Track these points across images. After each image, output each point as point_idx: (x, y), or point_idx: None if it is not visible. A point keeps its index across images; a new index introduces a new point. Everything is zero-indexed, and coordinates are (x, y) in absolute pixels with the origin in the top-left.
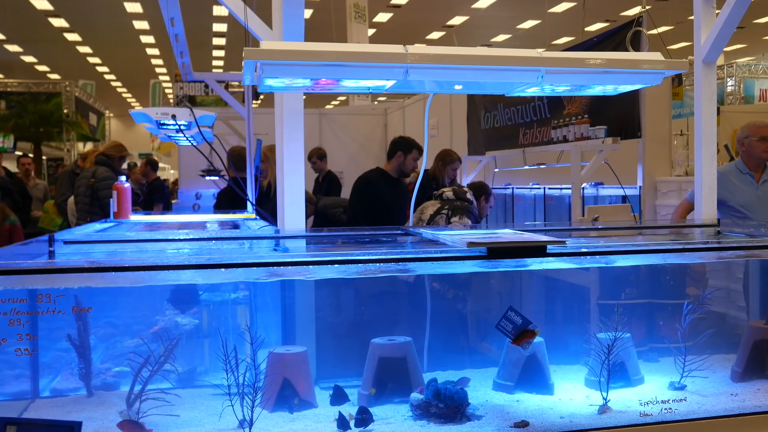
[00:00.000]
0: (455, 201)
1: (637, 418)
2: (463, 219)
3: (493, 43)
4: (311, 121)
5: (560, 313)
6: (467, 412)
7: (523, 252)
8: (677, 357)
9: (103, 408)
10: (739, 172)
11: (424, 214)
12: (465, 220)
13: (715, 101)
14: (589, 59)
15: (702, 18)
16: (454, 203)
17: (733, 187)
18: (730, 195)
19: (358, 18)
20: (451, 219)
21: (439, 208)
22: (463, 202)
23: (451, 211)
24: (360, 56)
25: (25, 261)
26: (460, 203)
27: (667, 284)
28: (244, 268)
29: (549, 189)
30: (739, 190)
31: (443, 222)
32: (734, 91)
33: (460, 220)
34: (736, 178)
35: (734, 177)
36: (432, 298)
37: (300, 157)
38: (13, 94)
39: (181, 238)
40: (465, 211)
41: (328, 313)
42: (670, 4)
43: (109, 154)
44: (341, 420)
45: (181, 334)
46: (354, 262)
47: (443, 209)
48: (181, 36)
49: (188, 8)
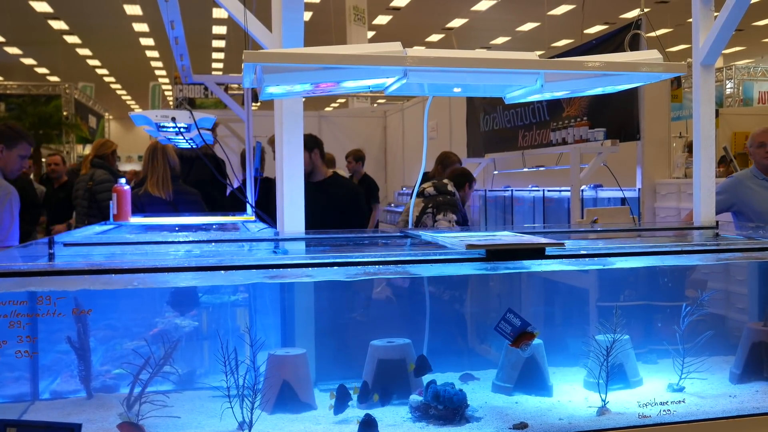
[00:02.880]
0: (437, 197)
1: (636, 420)
2: (447, 215)
3: (492, 45)
4: (311, 124)
5: (559, 315)
6: (466, 413)
7: (522, 254)
8: (676, 359)
9: (103, 410)
10: (755, 178)
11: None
12: (450, 216)
13: (713, 104)
14: (588, 62)
15: (700, 20)
16: (437, 199)
17: (750, 192)
18: (746, 200)
19: (357, 20)
20: (436, 218)
21: (423, 207)
22: (445, 197)
23: (436, 208)
24: (360, 59)
25: (26, 263)
26: (442, 198)
27: (665, 286)
28: (243, 271)
29: (548, 191)
30: (757, 194)
31: (430, 222)
32: (733, 94)
33: (445, 217)
34: (753, 183)
35: (751, 182)
36: (431, 300)
37: (299, 160)
38: (13, 96)
39: (180, 241)
40: (449, 206)
41: (327, 315)
42: (670, 6)
43: (102, 155)
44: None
45: (181, 336)
46: (353, 264)
47: (428, 208)
48: (181, 38)
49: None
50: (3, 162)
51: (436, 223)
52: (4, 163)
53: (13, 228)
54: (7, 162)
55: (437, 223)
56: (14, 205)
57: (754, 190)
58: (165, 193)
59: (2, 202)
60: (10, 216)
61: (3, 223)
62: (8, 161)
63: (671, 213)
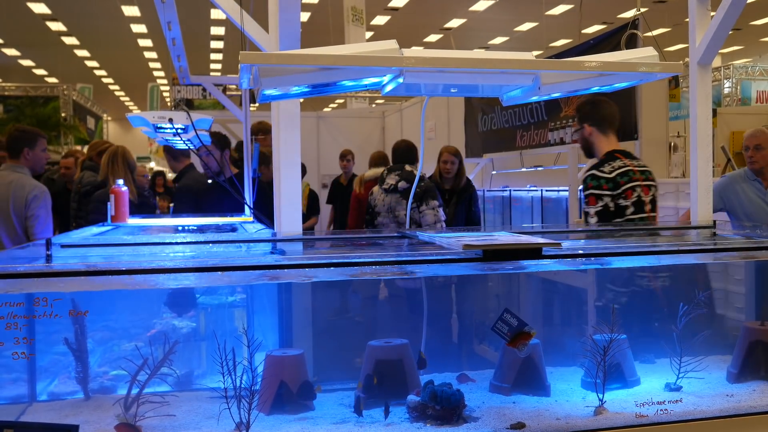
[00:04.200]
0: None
1: (633, 420)
2: (430, 203)
3: (490, 45)
4: (309, 124)
5: (556, 315)
6: (464, 413)
7: (519, 254)
8: (673, 358)
9: (100, 411)
10: (747, 179)
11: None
12: (432, 203)
13: (710, 103)
14: (585, 62)
15: (697, 20)
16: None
17: (740, 192)
18: (736, 200)
19: (355, 21)
20: (420, 210)
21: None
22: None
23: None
24: (356, 60)
25: (23, 264)
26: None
27: (662, 285)
28: (240, 271)
29: (546, 191)
30: (745, 195)
31: (416, 214)
32: (731, 93)
33: (428, 206)
34: (744, 183)
35: (742, 182)
36: (428, 301)
37: (297, 160)
38: (11, 97)
39: (178, 242)
40: (425, 193)
41: (324, 316)
42: (668, 6)
43: (91, 156)
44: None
45: (179, 337)
46: (351, 265)
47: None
48: (179, 39)
49: (186, 12)
50: (31, 161)
51: (421, 214)
52: (33, 162)
53: (48, 222)
54: (34, 160)
55: (422, 215)
56: (48, 203)
57: (744, 191)
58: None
59: (38, 200)
60: (46, 212)
61: (40, 219)
62: (35, 159)
63: (669, 212)
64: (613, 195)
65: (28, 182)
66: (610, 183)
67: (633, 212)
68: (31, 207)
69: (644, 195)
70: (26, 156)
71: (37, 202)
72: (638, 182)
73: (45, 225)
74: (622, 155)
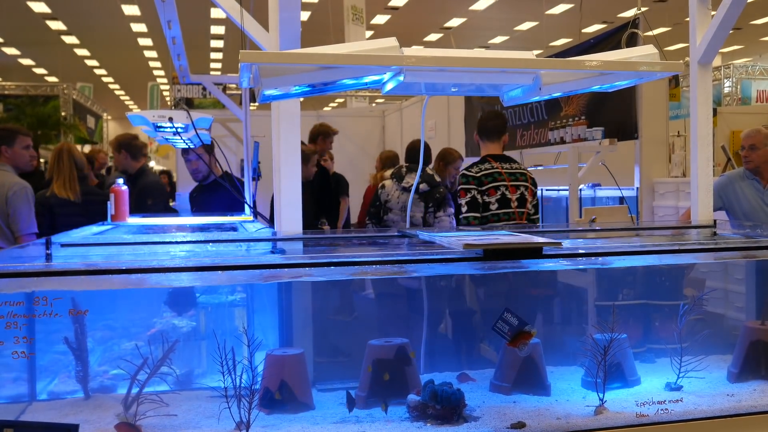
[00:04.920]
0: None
1: (634, 419)
2: (447, 210)
3: (490, 45)
4: (309, 123)
5: (557, 315)
6: (464, 413)
7: (519, 254)
8: (673, 358)
9: (100, 411)
10: (746, 178)
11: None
12: (449, 210)
13: (710, 103)
14: (585, 61)
15: (697, 19)
16: (434, 196)
17: (737, 191)
18: (733, 199)
19: (355, 20)
20: (436, 215)
21: (424, 206)
22: (437, 189)
23: (435, 206)
24: (356, 59)
25: (22, 263)
26: (433, 190)
27: (663, 285)
28: (241, 271)
29: (546, 190)
30: (743, 194)
31: (432, 219)
32: (731, 92)
33: (445, 213)
34: (742, 182)
35: (741, 182)
36: (429, 300)
37: (297, 159)
38: (11, 96)
39: (178, 241)
40: (443, 199)
41: (324, 315)
42: (668, 5)
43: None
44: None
45: (179, 337)
46: (351, 264)
47: (429, 207)
48: (179, 39)
49: (186, 10)
50: (12, 159)
51: (437, 219)
52: (13, 159)
53: (31, 217)
54: (15, 158)
55: (438, 220)
56: (30, 197)
57: (742, 190)
58: (73, 195)
59: (18, 196)
60: (28, 207)
61: (23, 214)
62: (16, 157)
63: (669, 212)
64: (480, 191)
65: (8, 179)
66: (476, 181)
67: (498, 207)
68: (10, 203)
69: (510, 194)
70: (5, 154)
71: (17, 198)
72: (503, 182)
73: (29, 220)
74: (494, 159)
